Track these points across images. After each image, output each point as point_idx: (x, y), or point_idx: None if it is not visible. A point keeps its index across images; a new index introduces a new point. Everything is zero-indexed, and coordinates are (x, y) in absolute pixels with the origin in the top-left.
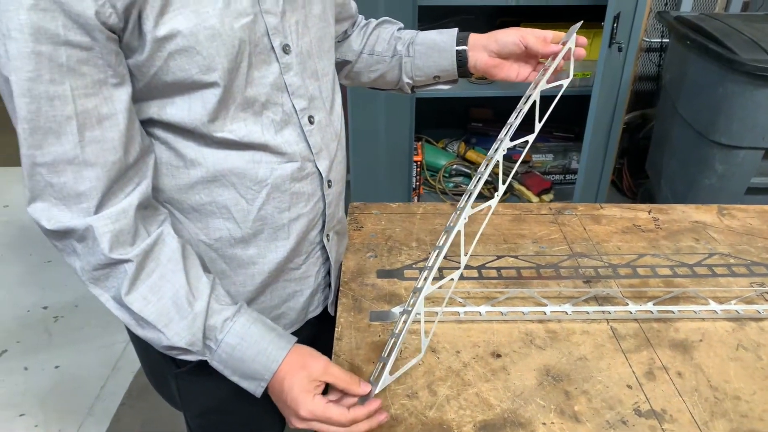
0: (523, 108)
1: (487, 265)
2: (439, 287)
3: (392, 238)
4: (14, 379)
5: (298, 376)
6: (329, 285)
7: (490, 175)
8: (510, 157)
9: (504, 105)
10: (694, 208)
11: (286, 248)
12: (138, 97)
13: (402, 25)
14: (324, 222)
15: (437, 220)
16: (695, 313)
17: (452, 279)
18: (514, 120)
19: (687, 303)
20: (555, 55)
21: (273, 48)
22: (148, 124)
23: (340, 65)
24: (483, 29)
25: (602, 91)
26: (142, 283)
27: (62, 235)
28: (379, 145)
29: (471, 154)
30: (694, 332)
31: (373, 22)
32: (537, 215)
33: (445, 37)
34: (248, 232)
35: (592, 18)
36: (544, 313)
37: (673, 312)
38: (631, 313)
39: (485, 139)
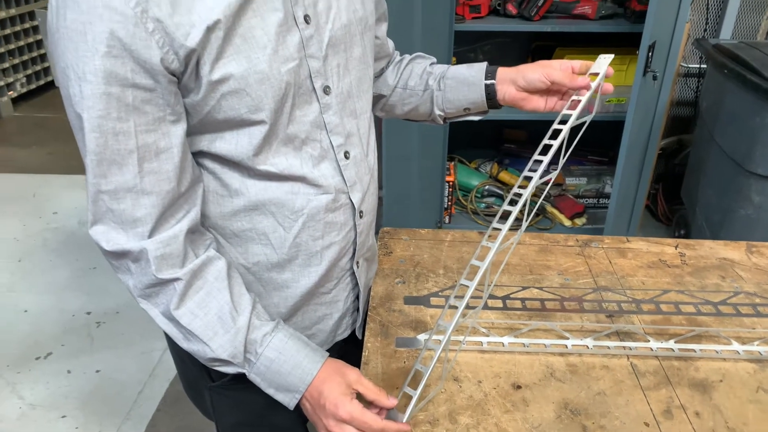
0: (553, 145)
1: (512, 296)
2: (463, 317)
3: (420, 265)
4: (58, 382)
5: (336, 381)
6: (357, 309)
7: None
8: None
9: (538, 127)
10: (722, 245)
11: (318, 274)
12: (191, 132)
13: (434, 59)
14: (354, 250)
15: (465, 248)
16: (717, 352)
17: (475, 309)
18: (540, 155)
19: (709, 342)
20: (582, 88)
21: (314, 89)
22: (198, 155)
23: (376, 99)
24: (518, 53)
25: (636, 118)
26: (190, 299)
27: (119, 255)
28: (412, 165)
29: (504, 175)
30: (715, 372)
31: (407, 57)
32: (563, 246)
33: (474, 72)
34: (284, 258)
35: (627, 43)
36: (566, 347)
37: (695, 351)
38: (652, 350)
39: (518, 161)
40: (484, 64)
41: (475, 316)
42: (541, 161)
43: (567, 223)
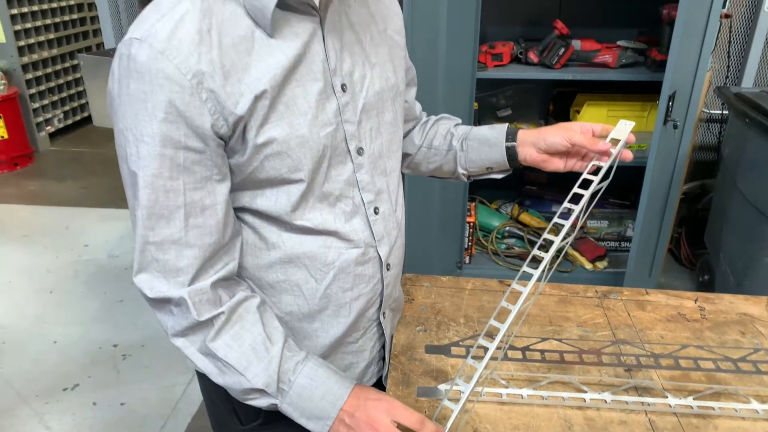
0: (574, 210)
1: (531, 347)
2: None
3: (441, 313)
4: (84, 413)
5: (370, 402)
6: (384, 358)
7: (546, 239)
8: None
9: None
10: (742, 299)
11: (346, 324)
12: (234, 189)
13: (459, 120)
14: (381, 301)
15: (485, 296)
16: (736, 411)
17: (494, 360)
18: (559, 218)
19: (728, 400)
20: (603, 153)
21: (349, 151)
22: (240, 210)
23: (402, 157)
24: (540, 98)
25: (657, 164)
26: (226, 333)
27: (161, 302)
28: (433, 205)
29: (524, 217)
30: (734, 431)
31: (433, 118)
32: (583, 297)
33: (496, 133)
34: (315, 308)
35: (648, 90)
36: (584, 400)
37: (714, 408)
38: (670, 406)
39: (539, 202)
40: (505, 126)
41: (494, 367)
42: (563, 224)
43: (588, 266)
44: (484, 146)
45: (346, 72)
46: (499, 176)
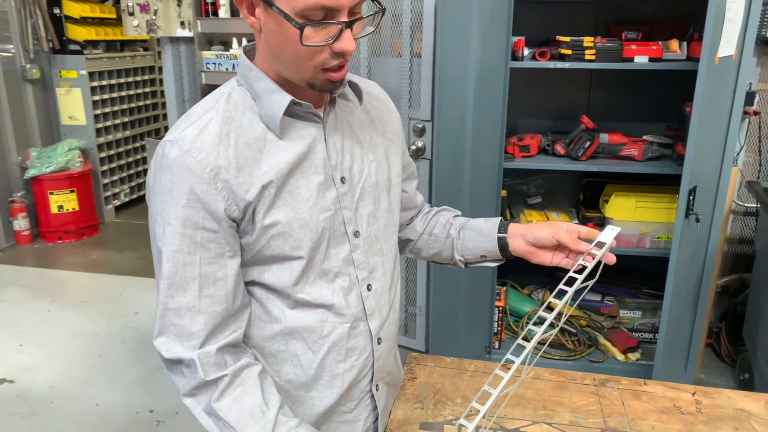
0: (559, 303)
1: (521, 429)
2: None
3: (440, 392)
4: None
5: None
6: (377, 430)
7: (574, 326)
8: (598, 309)
9: None
10: (742, 395)
11: (339, 393)
12: (246, 264)
13: (459, 213)
14: (373, 373)
15: (485, 378)
16: None
17: None
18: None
19: None
20: (582, 253)
21: (347, 233)
22: (250, 284)
23: (405, 242)
24: (570, 187)
25: (682, 257)
26: (228, 396)
27: (174, 362)
28: (459, 287)
29: (556, 304)
30: None
31: (435, 210)
32: (580, 384)
33: (489, 225)
34: (310, 378)
35: (676, 182)
36: None
37: None
38: None
39: None
40: (498, 219)
41: None
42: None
43: (620, 357)
44: (479, 236)
45: (346, 167)
46: (493, 264)
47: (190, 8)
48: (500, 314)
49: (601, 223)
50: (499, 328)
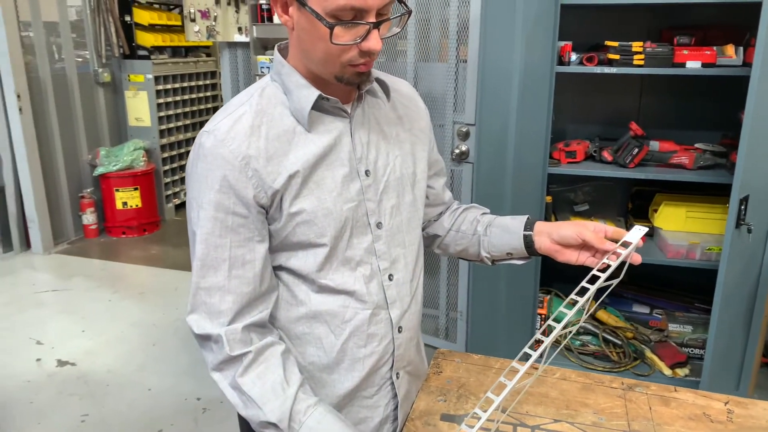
0: (579, 301)
1: (542, 426)
2: None
3: (464, 387)
4: None
5: None
6: (397, 418)
7: (620, 338)
8: (646, 322)
9: (639, 269)
10: None
11: (359, 377)
12: (274, 250)
13: (487, 210)
14: (393, 361)
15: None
16: None
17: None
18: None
19: None
20: (608, 252)
21: (369, 224)
22: (278, 269)
23: (433, 238)
24: (619, 196)
25: (731, 270)
26: (252, 371)
27: (204, 338)
28: (500, 293)
29: (601, 314)
30: None
31: (463, 206)
32: (607, 387)
33: (516, 222)
34: (332, 361)
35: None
36: None
37: None
38: None
39: (618, 300)
40: (525, 217)
41: None
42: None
43: (667, 372)
44: (505, 233)
45: (371, 160)
46: (520, 262)
47: (247, 14)
48: (542, 322)
49: (649, 234)
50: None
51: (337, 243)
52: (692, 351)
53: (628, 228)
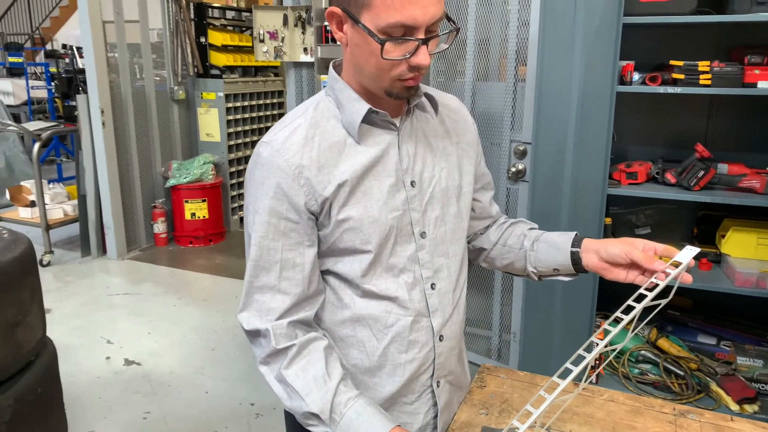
0: (624, 320)
1: None
2: None
3: (507, 402)
4: None
5: None
6: (437, 427)
7: (683, 369)
8: (712, 354)
9: (706, 295)
10: None
11: (400, 383)
12: (322, 255)
13: (535, 225)
14: (434, 369)
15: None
16: None
17: None
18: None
19: None
20: (657, 272)
21: (413, 233)
22: (325, 273)
23: (479, 251)
24: (683, 220)
25: None
26: (296, 364)
27: (253, 333)
28: (554, 316)
29: (663, 342)
30: None
31: (511, 220)
32: (657, 412)
33: (564, 239)
34: (374, 364)
35: None
36: None
37: None
38: None
39: (682, 329)
40: (573, 234)
41: None
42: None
43: (734, 407)
44: (552, 249)
45: (417, 172)
46: (567, 279)
47: (313, 36)
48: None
49: (716, 260)
50: (598, 362)
51: (381, 250)
52: (763, 387)
53: (697, 258)
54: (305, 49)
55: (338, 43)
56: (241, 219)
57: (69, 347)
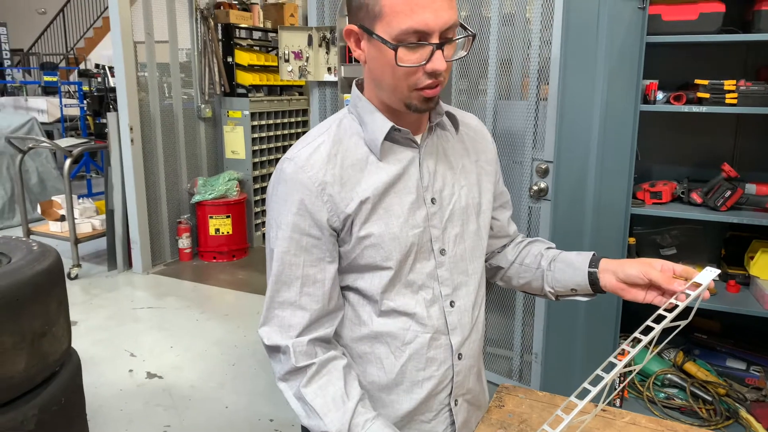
0: (643, 340)
1: None
2: None
3: (526, 422)
4: None
5: None
6: None
7: (711, 394)
8: (742, 379)
9: (733, 319)
10: None
11: (417, 400)
12: (343, 271)
13: (552, 245)
14: (452, 387)
15: (575, 416)
16: None
17: None
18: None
19: None
20: (675, 293)
21: (433, 250)
22: (345, 289)
23: (496, 269)
24: (711, 241)
25: None
26: (315, 383)
27: (273, 349)
28: (577, 337)
29: (690, 366)
30: None
31: (528, 239)
32: None
33: (581, 259)
34: (392, 381)
35: None
36: None
37: None
38: None
39: (709, 353)
40: (591, 253)
41: None
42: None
43: None
44: (569, 269)
45: (437, 189)
46: (584, 299)
47: (336, 55)
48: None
49: (745, 282)
50: (621, 384)
51: (401, 267)
52: None
53: (724, 278)
54: (329, 69)
55: (358, 61)
56: (264, 235)
57: (93, 359)
